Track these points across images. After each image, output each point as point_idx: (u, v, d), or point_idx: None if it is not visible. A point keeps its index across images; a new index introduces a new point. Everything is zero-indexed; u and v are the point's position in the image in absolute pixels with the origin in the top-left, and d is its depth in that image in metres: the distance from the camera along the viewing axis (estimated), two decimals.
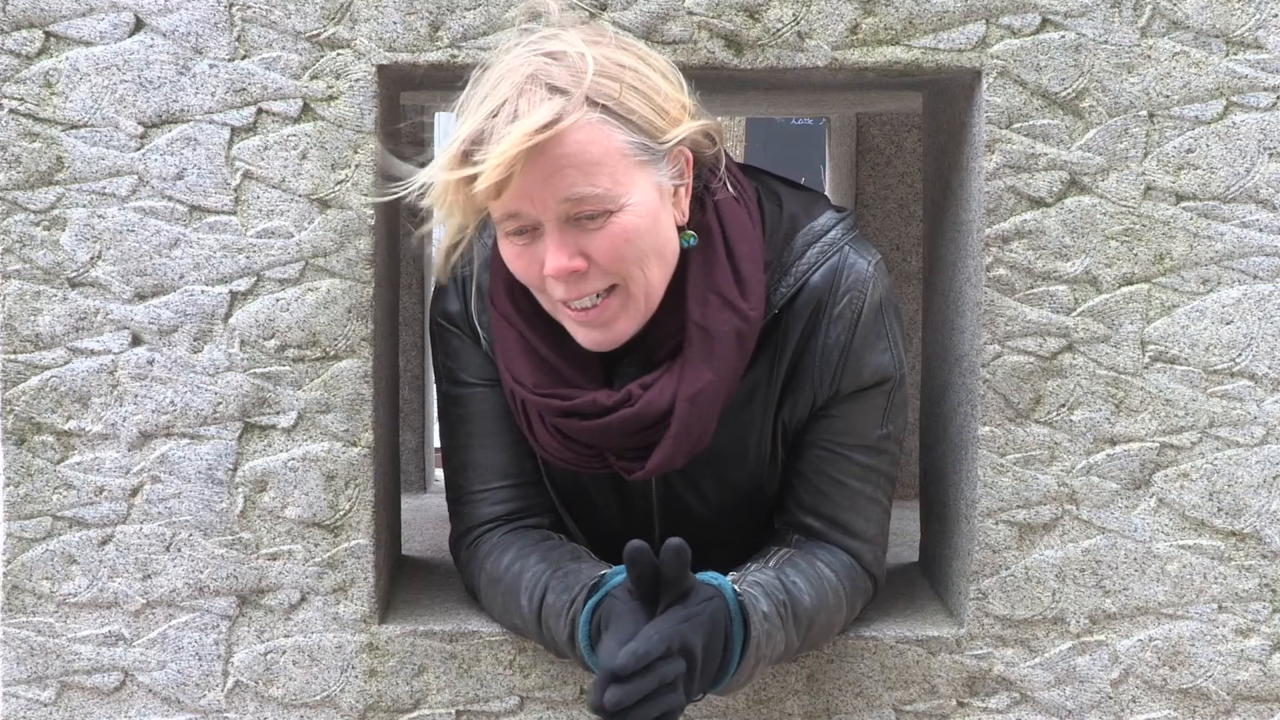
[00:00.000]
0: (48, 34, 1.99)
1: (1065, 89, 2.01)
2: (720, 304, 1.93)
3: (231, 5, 1.99)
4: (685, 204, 1.93)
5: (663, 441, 1.95)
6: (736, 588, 1.85)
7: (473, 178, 1.78)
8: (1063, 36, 2.01)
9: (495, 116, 1.78)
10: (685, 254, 1.94)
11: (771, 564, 2.00)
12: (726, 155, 1.98)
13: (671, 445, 1.95)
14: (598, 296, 1.88)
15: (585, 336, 1.92)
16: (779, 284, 2.00)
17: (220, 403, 2.04)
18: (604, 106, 1.81)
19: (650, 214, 1.86)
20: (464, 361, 2.09)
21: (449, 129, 1.87)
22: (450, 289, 2.08)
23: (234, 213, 2.02)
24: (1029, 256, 2.03)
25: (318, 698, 2.08)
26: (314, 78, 2.00)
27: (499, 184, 1.77)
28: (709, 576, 1.83)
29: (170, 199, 2.01)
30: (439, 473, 3.35)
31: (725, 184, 1.97)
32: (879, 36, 2.01)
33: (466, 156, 1.80)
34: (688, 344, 1.94)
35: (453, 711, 2.08)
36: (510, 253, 1.89)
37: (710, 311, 1.93)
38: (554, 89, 1.79)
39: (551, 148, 1.78)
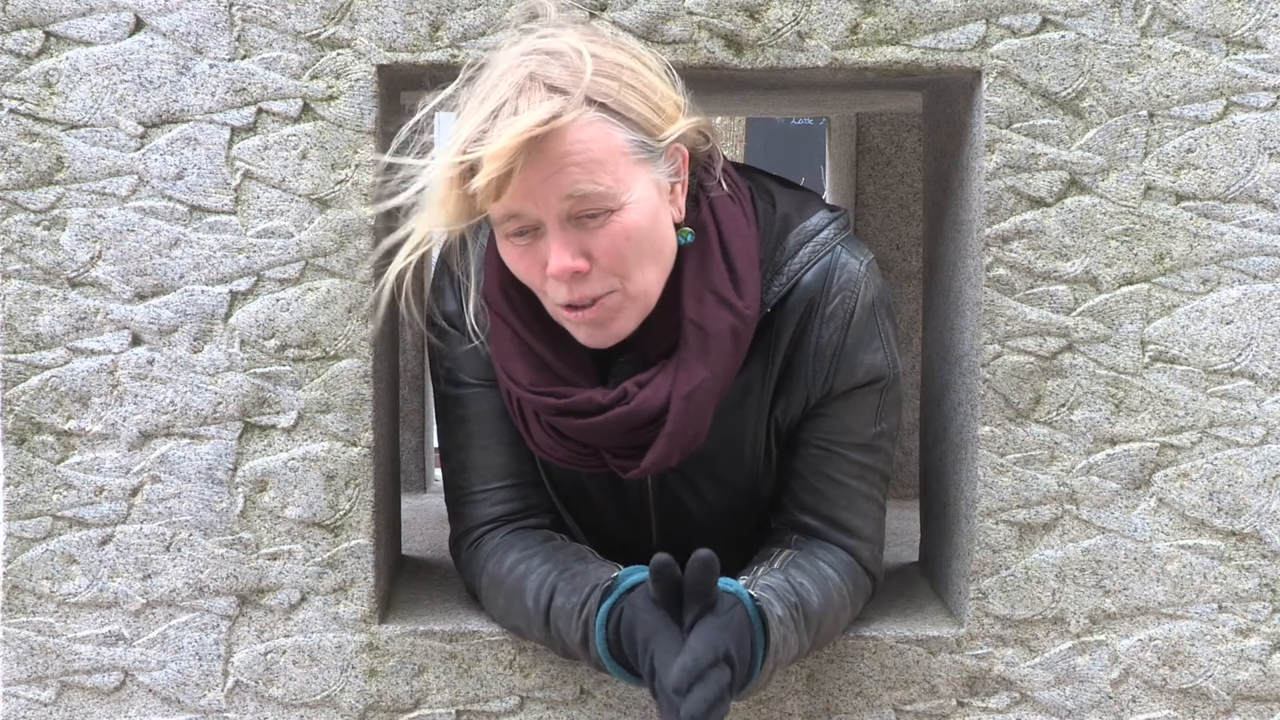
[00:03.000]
0: (48, 34, 1.99)
1: (1065, 89, 2.01)
2: (716, 302, 1.93)
3: (231, 5, 1.99)
4: (681, 201, 1.93)
5: (657, 439, 1.95)
6: (752, 593, 1.85)
7: (472, 176, 1.78)
8: (1063, 36, 2.01)
9: (495, 117, 1.78)
10: (681, 252, 1.94)
11: (777, 566, 2.00)
12: (721, 154, 1.99)
13: (666, 443, 1.95)
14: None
15: (585, 335, 1.92)
16: (771, 283, 2.00)
17: (220, 403, 2.04)
18: (603, 105, 1.81)
19: (650, 212, 1.86)
20: (462, 361, 2.09)
21: (448, 129, 1.87)
22: (447, 290, 2.08)
23: (234, 213, 2.02)
24: (1029, 256, 2.03)
25: (318, 698, 2.08)
26: (314, 78, 2.00)
27: (499, 183, 1.77)
28: (723, 583, 1.84)
29: (170, 199, 2.01)
30: (439, 473, 3.34)
31: (720, 182, 1.97)
32: (879, 36, 2.01)
33: (467, 157, 1.80)
34: (683, 342, 1.94)
35: (453, 711, 2.08)
36: (511, 254, 1.89)
37: (706, 309, 1.93)
38: (553, 88, 1.79)
39: (553, 146, 1.78)
